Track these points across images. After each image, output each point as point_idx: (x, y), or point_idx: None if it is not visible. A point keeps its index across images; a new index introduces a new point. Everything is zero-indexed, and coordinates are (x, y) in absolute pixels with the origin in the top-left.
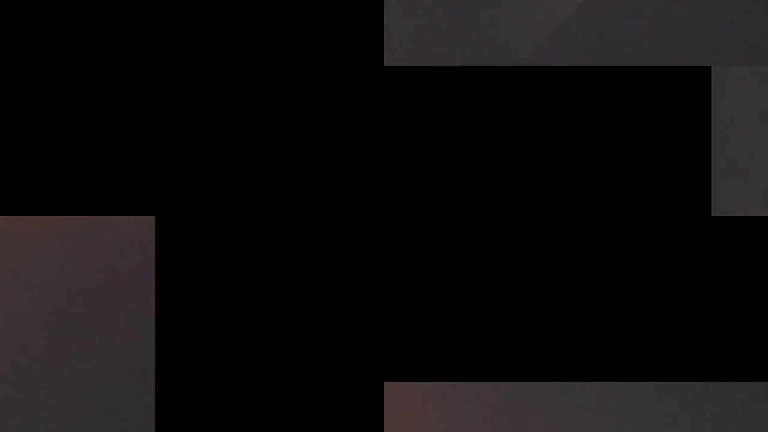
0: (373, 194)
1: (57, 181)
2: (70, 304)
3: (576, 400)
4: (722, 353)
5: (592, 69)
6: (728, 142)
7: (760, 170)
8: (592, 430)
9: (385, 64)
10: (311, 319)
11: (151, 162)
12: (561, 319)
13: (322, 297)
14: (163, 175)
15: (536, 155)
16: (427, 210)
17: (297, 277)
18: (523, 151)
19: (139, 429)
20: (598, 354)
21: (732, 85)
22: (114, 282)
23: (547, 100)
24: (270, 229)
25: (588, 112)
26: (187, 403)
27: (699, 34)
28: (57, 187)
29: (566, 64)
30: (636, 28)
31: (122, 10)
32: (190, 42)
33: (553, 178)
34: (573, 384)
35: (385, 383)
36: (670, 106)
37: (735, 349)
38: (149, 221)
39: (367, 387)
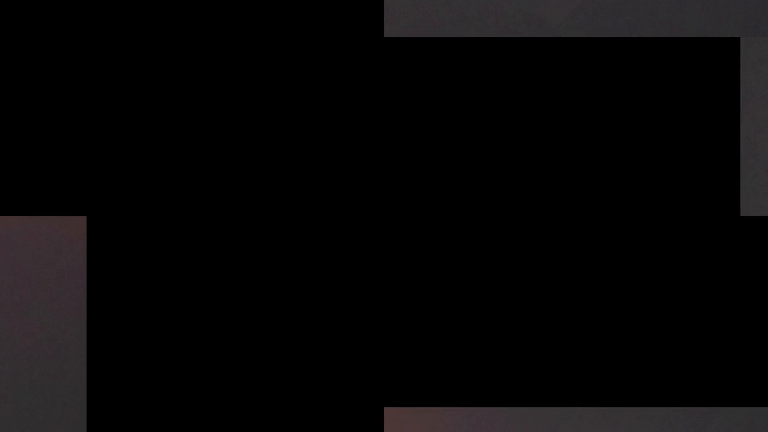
0: (371, 187)
1: None
2: None
3: (578, 426)
4: (757, 358)
5: (613, 41)
6: (759, 125)
7: None
8: None
9: (385, 36)
10: (296, 339)
11: (81, 161)
12: (568, 339)
13: (310, 314)
14: (94, 174)
15: (544, 140)
16: (428, 205)
17: (260, 286)
18: (529, 135)
19: None
20: (609, 376)
21: (763, 57)
22: (44, 283)
23: (557, 74)
24: (230, 227)
25: (607, 88)
26: (120, 408)
27: (727, 3)
28: None
29: (587, 35)
30: None
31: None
32: (137, 19)
33: (568, 170)
34: (578, 409)
35: (385, 409)
36: (697, 81)
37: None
38: (80, 221)
39: (366, 413)
